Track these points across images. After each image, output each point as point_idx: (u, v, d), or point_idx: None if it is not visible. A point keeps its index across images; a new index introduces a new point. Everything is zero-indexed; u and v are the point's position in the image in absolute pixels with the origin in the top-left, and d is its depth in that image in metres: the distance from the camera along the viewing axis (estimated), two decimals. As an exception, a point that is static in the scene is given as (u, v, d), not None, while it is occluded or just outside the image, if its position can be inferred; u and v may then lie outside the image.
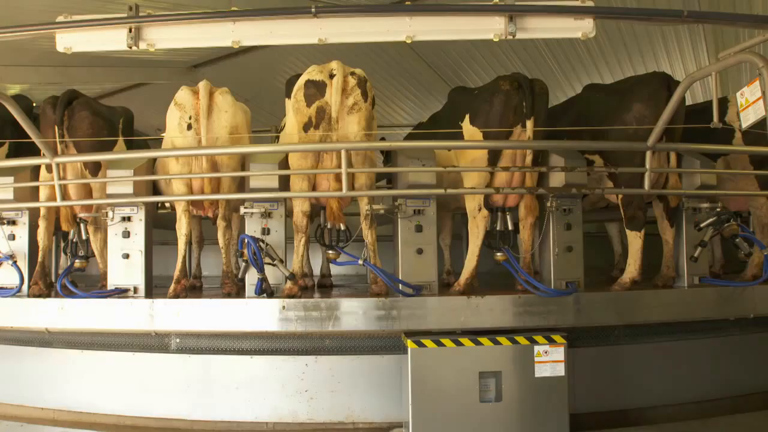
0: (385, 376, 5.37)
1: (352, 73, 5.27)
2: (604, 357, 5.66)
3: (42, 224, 5.78)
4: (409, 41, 4.50)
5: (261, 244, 5.30)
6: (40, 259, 5.79)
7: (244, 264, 5.43)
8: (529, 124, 5.36)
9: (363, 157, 5.42)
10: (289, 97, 5.57)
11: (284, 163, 5.55)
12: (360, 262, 5.44)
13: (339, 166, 5.20)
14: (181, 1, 8.68)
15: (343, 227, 5.67)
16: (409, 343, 5.00)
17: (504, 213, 5.71)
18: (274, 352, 5.48)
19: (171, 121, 5.51)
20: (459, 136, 5.66)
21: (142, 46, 4.47)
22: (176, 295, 5.48)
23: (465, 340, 5.03)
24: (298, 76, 5.44)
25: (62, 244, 6.65)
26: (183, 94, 5.46)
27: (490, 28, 4.54)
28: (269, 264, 5.30)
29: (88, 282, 6.48)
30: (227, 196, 5.62)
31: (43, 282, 5.74)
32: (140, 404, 5.60)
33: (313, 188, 5.46)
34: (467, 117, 5.60)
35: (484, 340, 5.05)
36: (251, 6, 4.71)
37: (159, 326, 5.42)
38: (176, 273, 5.57)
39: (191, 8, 4.63)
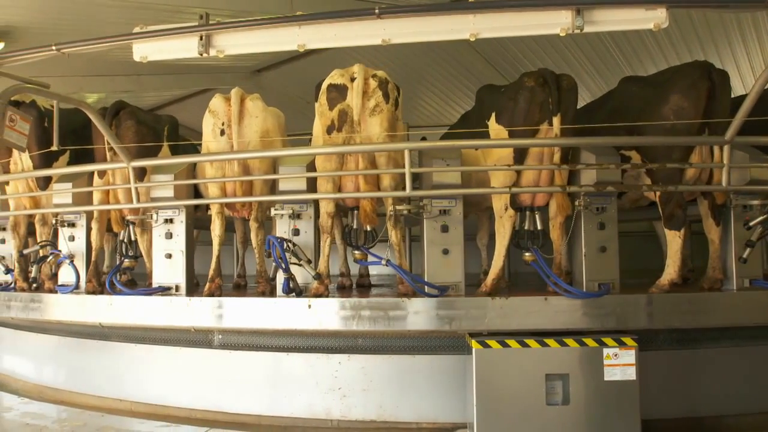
0: (449, 376, 5.41)
1: (374, 76, 5.34)
2: (679, 361, 5.44)
3: (94, 226, 6.23)
4: (473, 39, 4.41)
5: (289, 244, 5.46)
6: (93, 258, 6.23)
7: (274, 264, 5.61)
8: (556, 121, 5.22)
9: (387, 158, 5.46)
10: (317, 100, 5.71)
11: (312, 166, 5.69)
12: (383, 262, 5.48)
13: (363, 167, 5.29)
14: (245, 8, 9.04)
15: (369, 228, 5.73)
16: (474, 344, 4.91)
17: (533, 212, 5.57)
18: (336, 351, 5.62)
19: (206, 127, 5.79)
20: (486, 136, 5.58)
21: (212, 52, 4.59)
22: (211, 294, 5.74)
23: (531, 342, 4.92)
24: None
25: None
26: (216, 102, 5.73)
27: (556, 22, 4.37)
28: (296, 264, 5.44)
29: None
30: (254, 199, 5.84)
31: (97, 280, 6.18)
32: (210, 399, 5.90)
33: (339, 190, 5.55)
34: (493, 115, 5.52)
35: (550, 341, 4.92)
36: (312, 9, 4.83)
37: (196, 323, 5.71)
38: (211, 272, 5.84)
39: (254, 15, 4.76)
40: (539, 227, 5.56)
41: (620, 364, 4.89)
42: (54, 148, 5.66)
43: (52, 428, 5.66)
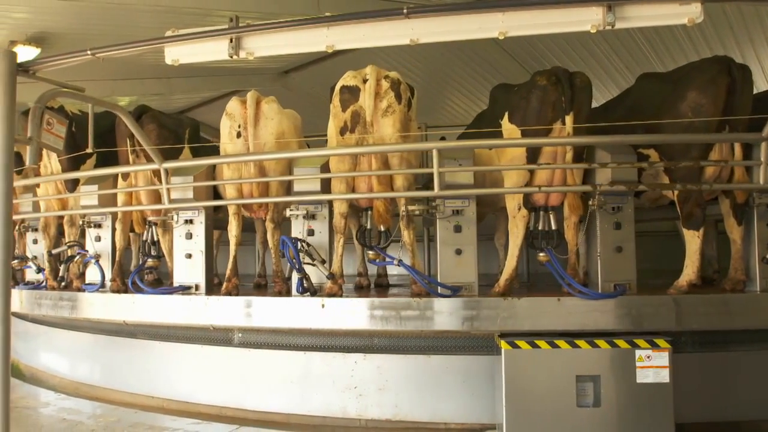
0: (479, 377, 5.41)
1: (386, 77, 5.37)
2: (714, 364, 5.31)
3: (118, 227, 6.43)
4: (502, 37, 4.33)
5: (303, 244, 5.53)
6: (117, 258, 6.42)
7: (289, 264, 5.69)
8: (569, 119, 5.16)
9: (400, 158, 5.48)
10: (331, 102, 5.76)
11: (328, 167, 5.75)
12: (395, 262, 5.51)
13: (376, 168, 5.33)
14: (272, 10, 9.15)
15: (383, 228, 5.76)
16: (503, 344, 4.88)
17: (547, 212, 5.52)
18: (362, 350, 5.65)
19: (223, 129, 5.91)
20: (499, 135, 5.55)
21: (242, 54, 4.61)
22: (228, 293, 5.85)
23: (561, 343, 4.85)
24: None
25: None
26: (232, 105, 5.84)
27: (587, 19, 4.27)
28: (309, 264, 5.51)
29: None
30: (267, 200, 5.92)
31: (121, 279, 6.37)
32: (240, 397, 6.01)
33: (352, 190, 5.60)
34: (506, 115, 5.49)
35: (581, 342, 4.85)
36: (338, 10, 4.81)
37: (214, 321, 5.83)
38: (227, 272, 5.96)
39: (281, 17, 4.79)
40: (554, 227, 5.50)
41: (653, 366, 4.80)
42: (89, 150, 5.79)
43: (87, 424, 5.83)
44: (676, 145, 5.27)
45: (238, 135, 5.82)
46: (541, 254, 5.46)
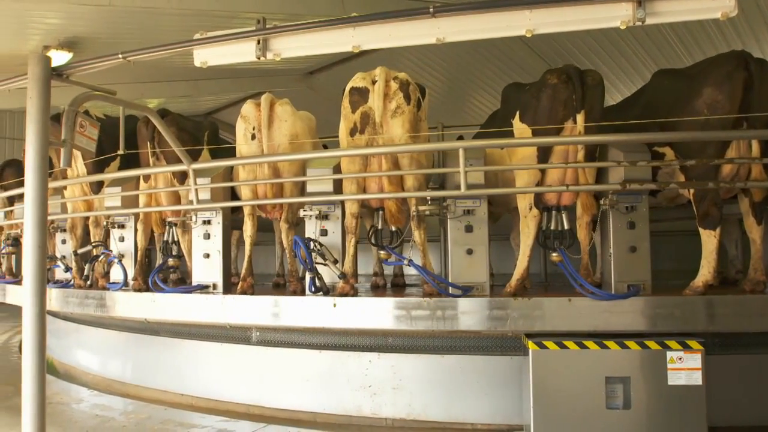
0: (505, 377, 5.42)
1: (395, 78, 5.40)
2: (748, 366, 5.23)
3: (140, 228, 6.61)
4: (529, 35, 4.26)
5: (316, 245, 5.60)
6: (138, 257, 6.60)
7: (302, 264, 5.76)
8: (580, 118, 5.11)
9: (410, 158, 5.50)
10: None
11: (340, 168, 5.81)
12: (405, 262, 5.53)
13: (386, 169, 5.37)
14: (297, 11, 9.26)
15: (395, 228, 5.79)
16: (530, 345, 4.85)
17: (559, 212, 5.46)
18: (388, 350, 5.72)
19: (238, 132, 6.02)
20: (511, 135, 5.53)
21: (269, 56, 4.62)
22: (243, 292, 5.96)
23: (589, 343, 4.81)
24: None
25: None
26: (247, 107, 5.94)
27: (616, 15, 4.13)
28: (321, 264, 5.57)
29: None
30: (279, 201, 6.01)
31: (142, 278, 6.54)
32: (268, 395, 6.12)
33: (363, 191, 5.64)
34: (517, 114, 5.46)
35: (610, 343, 4.80)
36: (363, 10, 4.83)
37: (230, 320, 5.95)
38: (243, 271, 6.07)
39: (305, 18, 4.80)
40: (566, 227, 5.45)
41: (685, 368, 4.73)
42: (120, 151, 5.94)
43: (119, 420, 5.99)
44: (691, 142, 5.16)
45: (253, 137, 5.92)
46: (553, 254, 5.42)
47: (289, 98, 6.12)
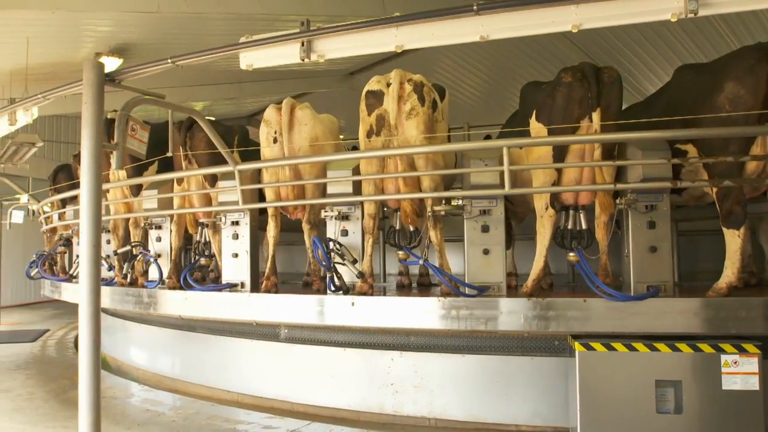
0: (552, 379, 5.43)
1: (409, 80, 5.45)
2: None
3: (174, 228, 6.91)
4: (575, 31, 4.16)
5: (336, 245, 5.72)
6: (173, 257, 6.90)
7: (320, 264, 5.90)
8: (596, 116, 5.02)
9: (425, 159, 5.54)
10: (360, 107, 5.90)
11: (358, 169, 5.91)
12: (420, 261, 5.58)
13: (401, 170, 5.43)
14: (339, 12, 9.42)
15: (412, 228, 5.84)
16: (577, 346, 4.82)
17: (576, 211, 5.40)
18: (435, 350, 5.79)
19: (261, 135, 6.21)
20: (527, 134, 5.49)
21: (313, 57, 4.66)
22: (267, 291, 6.15)
23: (639, 345, 4.74)
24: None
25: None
26: (269, 112, 6.12)
27: (666, 7, 3.97)
28: (340, 263, 5.69)
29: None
30: (298, 202, 6.17)
31: (176, 276, 6.84)
32: (310, 393, 6.30)
33: (381, 192, 5.72)
34: (534, 113, 5.41)
35: (660, 345, 4.72)
36: (404, 10, 4.83)
37: (256, 317, 6.16)
38: (266, 271, 6.26)
39: (347, 19, 4.88)
40: (584, 227, 5.38)
41: (741, 372, 4.60)
42: (169, 154, 6.15)
43: (168, 415, 6.24)
44: (714, 139, 4.99)
45: (275, 140, 6.09)
46: (570, 254, 5.35)
47: (331, 98, 6.23)
